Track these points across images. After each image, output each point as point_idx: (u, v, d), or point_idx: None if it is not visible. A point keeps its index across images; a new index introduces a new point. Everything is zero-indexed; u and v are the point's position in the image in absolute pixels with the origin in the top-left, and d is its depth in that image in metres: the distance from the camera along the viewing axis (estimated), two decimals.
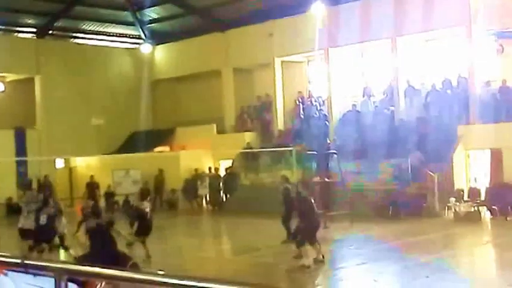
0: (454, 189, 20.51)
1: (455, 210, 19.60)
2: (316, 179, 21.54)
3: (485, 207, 19.72)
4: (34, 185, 28.16)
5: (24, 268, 3.16)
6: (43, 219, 13.95)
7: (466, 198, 20.12)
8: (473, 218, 18.93)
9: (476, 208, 19.49)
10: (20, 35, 31.21)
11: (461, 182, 21.02)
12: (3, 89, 31.56)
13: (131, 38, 33.53)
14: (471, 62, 22.42)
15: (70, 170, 31.11)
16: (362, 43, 25.18)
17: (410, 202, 20.14)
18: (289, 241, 14.86)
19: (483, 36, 22.33)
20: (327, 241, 15.01)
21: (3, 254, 3.31)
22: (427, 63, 25.07)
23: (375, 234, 16.98)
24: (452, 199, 19.92)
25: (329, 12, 25.14)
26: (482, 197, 20.01)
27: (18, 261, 3.20)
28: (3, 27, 30.37)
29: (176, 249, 17.06)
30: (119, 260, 10.67)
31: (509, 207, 19.18)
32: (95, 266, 3.03)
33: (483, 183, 20.87)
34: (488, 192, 20.07)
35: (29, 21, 30.76)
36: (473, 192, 20.27)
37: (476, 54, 22.33)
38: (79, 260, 11.27)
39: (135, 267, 10.77)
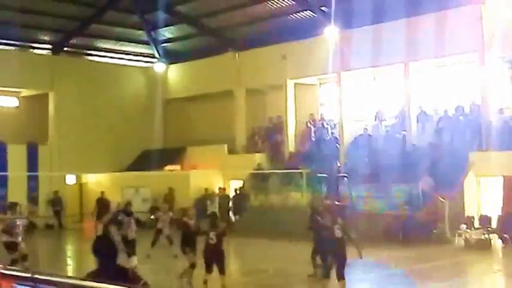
0: (465, 216, 20.34)
1: (465, 237, 19.42)
2: (326, 202, 21.45)
3: (496, 235, 19.53)
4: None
5: (33, 283, 3.16)
6: None
7: (476, 225, 19.94)
8: (483, 246, 18.75)
9: (487, 236, 19.30)
10: (36, 51, 31.54)
11: (472, 209, 20.86)
12: (17, 104, 31.84)
13: (145, 56, 33.81)
14: (484, 88, 22.38)
15: (80, 186, 31.21)
16: (374, 67, 25.23)
17: (420, 227, 20.00)
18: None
19: (497, 63, 22.31)
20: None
21: (12, 268, 3.32)
22: (440, 89, 25.05)
23: (384, 259, 16.84)
24: (463, 226, 19.75)
25: (342, 36, 25.24)
26: (494, 225, 19.82)
27: (28, 275, 3.21)
28: (19, 43, 30.71)
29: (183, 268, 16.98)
30: (128, 279, 10.61)
31: None
32: (103, 282, 3.03)
33: (494, 211, 20.69)
34: (500, 220, 19.88)
35: (45, 38, 31.11)
36: (484, 220, 20.06)
37: (490, 81, 22.29)
38: (89, 277, 11.24)
39: (146, 287, 10.74)
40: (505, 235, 19.21)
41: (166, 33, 31.79)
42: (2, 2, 26.60)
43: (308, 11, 26.99)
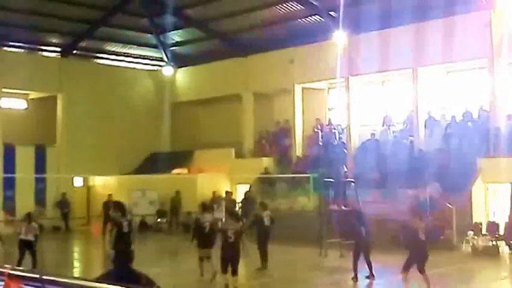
0: (472, 222, 20.26)
1: (472, 243, 19.35)
2: (334, 207, 21.40)
3: (503, 242, 19.44)
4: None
5: (41, 283, 3.17)
6: None
7: (484, 232, 19.86)
8: (491, 253, 18.68)
9: (494, 242, 19.22)
10: (45, 53, 31.65)
11: (479, 216, 20.77)
12: (26, 106, 31.97)
13: (153, 60, 33.89)
14: (493, 94, 22.31)
15: (88, 189, 31.27)
16: (382, 72, 25.20)
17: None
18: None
19: (505, 69, 22.24)
20: (343, 271, 14.87)
21: (21, 269, 3.33)
22: (448, 94, 24.99)
23: (391, 265, 16.76)
24: (470, 232, 19.67)
25: (351, 41, 25.23)
26: (501, 232, 19.73)
27: (36, 276, 3.21)
28: (28, 45, 30.84)
29: (188, 272, 17.01)
30: (141, 283, 10.56)
31: None
32: (111, 284, 3.03)
33: (502, 218, 20.59)
34: (507, 226, 19.78)
35: (54, 41, 31.23)
36: (492, 226, 19.98)
37: (498, 86, 22.22)
38: (100, 279, 11.22)
39: None
40: None
41: (175, 36, 31.88)
42: (12, 4, 26.75)
43: (316, 16, 27.00)
